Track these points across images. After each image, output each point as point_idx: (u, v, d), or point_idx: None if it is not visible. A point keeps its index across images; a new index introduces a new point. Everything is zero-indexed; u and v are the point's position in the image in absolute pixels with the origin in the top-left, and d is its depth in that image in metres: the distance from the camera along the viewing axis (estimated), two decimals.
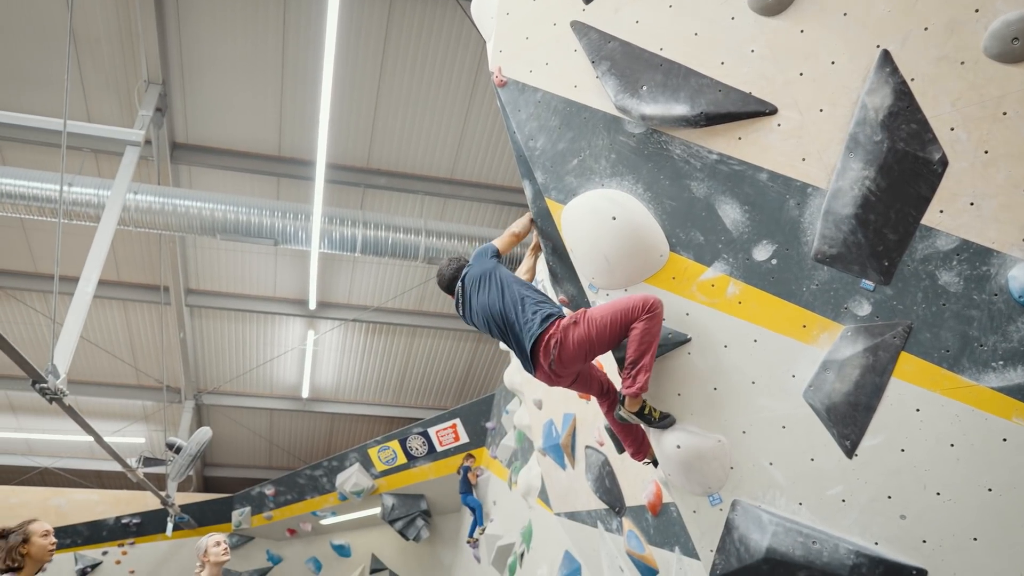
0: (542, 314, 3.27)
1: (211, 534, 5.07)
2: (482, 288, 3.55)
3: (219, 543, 4.97)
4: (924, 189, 2.57)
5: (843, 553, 2.63)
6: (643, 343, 2.99)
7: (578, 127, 3.36)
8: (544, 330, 3.22)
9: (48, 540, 3.90)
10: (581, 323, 3.15)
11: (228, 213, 8.97)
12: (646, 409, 3.10)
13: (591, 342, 3.13)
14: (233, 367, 14.78)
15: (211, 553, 4.91)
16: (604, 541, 7.22)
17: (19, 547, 3.80)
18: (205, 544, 4.95)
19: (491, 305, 3.46)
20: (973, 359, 2.48)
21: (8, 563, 3.77)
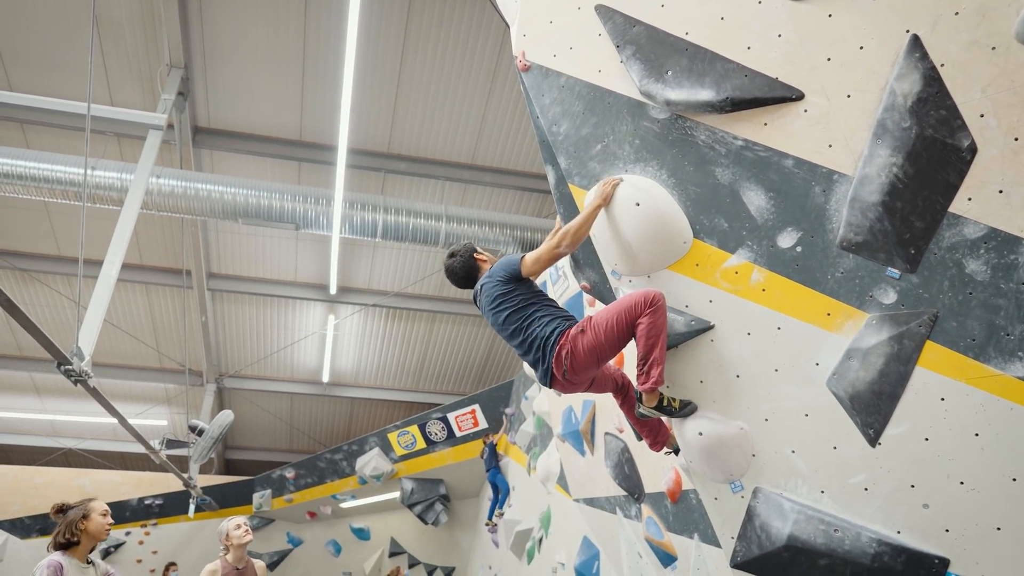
0: (553, 331, 3.25)
1: (231, 517, 5.15)
2: (496, 311, 3.44)
3: (240, 526, 5.04)
4: (952, 176, 2.54)
5: (865, 541, 2.63)
6: (650, 338, 3.01)
7: (602, 112, 3.35)
8: (555, 342, 3.23)
9: (106, 519, 4.05)
10: (588, 330, 3.17)
11: (250, 197, 9.02)
12: (664, 401, 3.11)
13: (600, 347, 3.15)
14: (254, 351, 14.93)
15: (233, 536, 4.99)
16: (622, 527, 7.24)
17: (78, 522, 3.95)
18: (226, 528, 5.02)
19: (504, 329, 3.43)
20: (999, 348, 2.46)
21: (67, 537, 3.90)
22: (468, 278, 3.72)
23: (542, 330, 3.27)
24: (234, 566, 4.99)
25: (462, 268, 3.71)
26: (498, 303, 3.42)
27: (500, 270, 3.47)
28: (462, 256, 3.72)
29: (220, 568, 4.95)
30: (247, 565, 5.07)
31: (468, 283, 3.73)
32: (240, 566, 5.01)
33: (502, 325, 3.42)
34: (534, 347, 3.29)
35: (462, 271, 3.71)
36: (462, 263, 3.70)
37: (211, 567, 4.94)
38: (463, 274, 3.71)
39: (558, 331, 3.24)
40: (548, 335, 3.25)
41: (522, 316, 3.35)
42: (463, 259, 3.71)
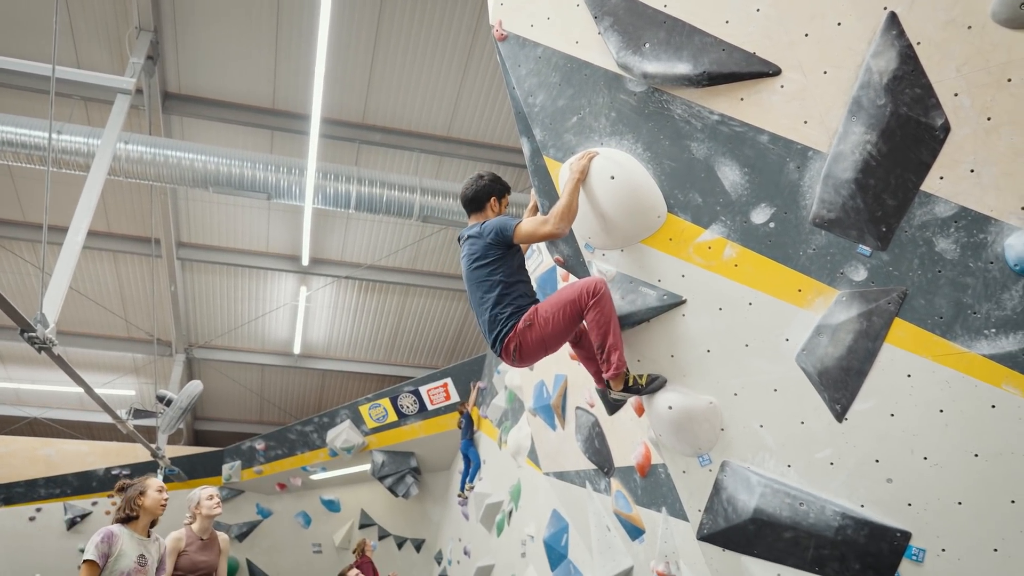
0: (509, 314, 3.32)
1: (203, 487, 5.10)
2: (474, 268, 3.46)
3: (212, 496, 5.01)
4: (925, 155, 2.55)
5: (829, 515, 2.67)
6: (600, 327, 3.10)
7: (578, 84, 3.31)
8: (508, 332, 3.31)
9: (162, 496, 4.44)
10: (535, 324, 3.24)
11: (221, 165, 8.88)
12: (631, 381, 3.15)
13: (546, 339, 3.25)
14: (224, 322, 14.79)
15: (204, 506, 4.95)
16: (592, 501, 7.31)
17: (136, 499, 4.35)
18: (198, 496, 4.98)
19: (473, 289, 3.48)
20: (966, 326, 2.49)
21: (126, 512, 4.32)
22: (472, 203, 3.72)
23: (501, 317, 3.33)
24: (198, 536, 4.96)
25: (478, 192, 3.71)
26: (478, 263, 3.44)
27: (492, 232, 3.43)
28: (489, 184, 3.73)
29: (184, 537, 4.91)
30: (211, 536, 5.04)
31: (468, 207, 3.73)
32: (204, 537, 4.98)
33: (473, 284, 3.47)
34: (489, 326, 3.38)
35: (475, 195, 3.72)
36: (484, 190, 3.71)
37: (175, 535, 4.90)
38: (472, 197, 3.72)
39: (510, 326, 3.29)
40: (502, 328, 3.32)
41: (493, 290, 3.37)
42: (488, 187, 3.72)
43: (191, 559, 4.79)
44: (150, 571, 4.34)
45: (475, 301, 3.48)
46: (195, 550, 4.84)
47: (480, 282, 3.42)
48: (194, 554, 4.82)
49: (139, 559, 4.25)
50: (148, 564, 4.32)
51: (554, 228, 3.19)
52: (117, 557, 4.14)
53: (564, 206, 3.16)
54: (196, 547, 4.86)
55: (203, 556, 4.85)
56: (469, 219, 3.75)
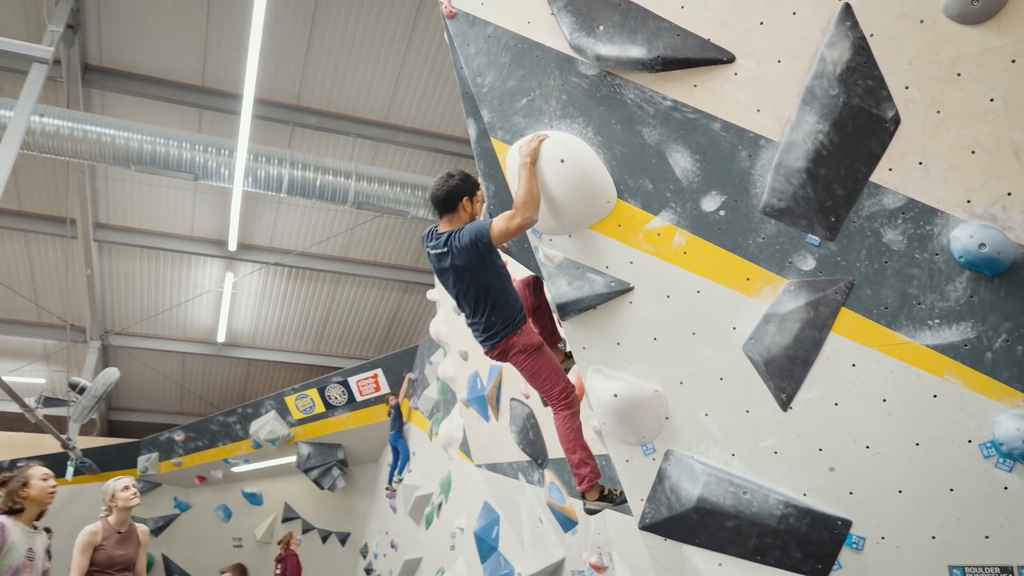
0: (503, 321, 3.49)
1: (119, 478, 4.85)
2: (458, 278, 3.45)
3: (128, 487, 4.76)
4: (875, 146, 2.57)
5: (772, 503, 2.67)
6: (568, 442, 3.53)
7: (529, 65, 3.24)
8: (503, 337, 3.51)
9: (48, 484, 4.30)
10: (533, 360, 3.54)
11: (144, 143, 8.46)
12: (606, 491, 3.55)
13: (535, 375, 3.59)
14: (144, 308, 14.18)
15: (120, 498, 4.70)
16: (525, 492, 7.28)
17: (19, 490, 4.18)
18: (112, 488, 4.72)
19: (461, 296, 3.52)
20: (911, 317, 2.52)
21: (9, 505, 4.15)
22: (443, 205, 3.49)
23: (496, 323, 3.48)
24: (116, 529, 4.71)
25: (451, 193, 3.46)
26: (466, 273, 3.39)
27: (470, 241, 3.30)
28: (460, 183, 3.48)
29: (101, 530, 4.66)
30: (130, 529, 4.79)
31: (438, 208, 3.52)
32: (122, 530, 4.73)
33: (463, 291, 3.49)
34: (484, 328, 3.50)
35: (446, 196, 3.47)
36: (456, 190, 3.46)
37: (91, 528, 4.64)
38: (444, 199, 3.48)
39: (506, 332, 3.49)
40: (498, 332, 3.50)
41: (487, 297, 3.45)
42: (459, 186, 3.47)
43: (108, 553, 4.55)
44: (37, 566, 4.16)
45: (467, 306, 3.52)
46: (112, 544, 4.59)
47: (470, 288, 3.44)
48: (111, 548, 4.57)
49: (28, 552, 4.08)
50: (36, 558, 4.13)
51: (523, 219, 3.09)
52: (7, 551, 3.96)
53: (525, 193, 3.07)
54: (113, 541, 4.61)
55: (121, 550, 4.61)
56: (440, 220, 3.54)
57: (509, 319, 3.50)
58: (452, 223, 3.47)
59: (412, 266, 14.15)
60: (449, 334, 8.99)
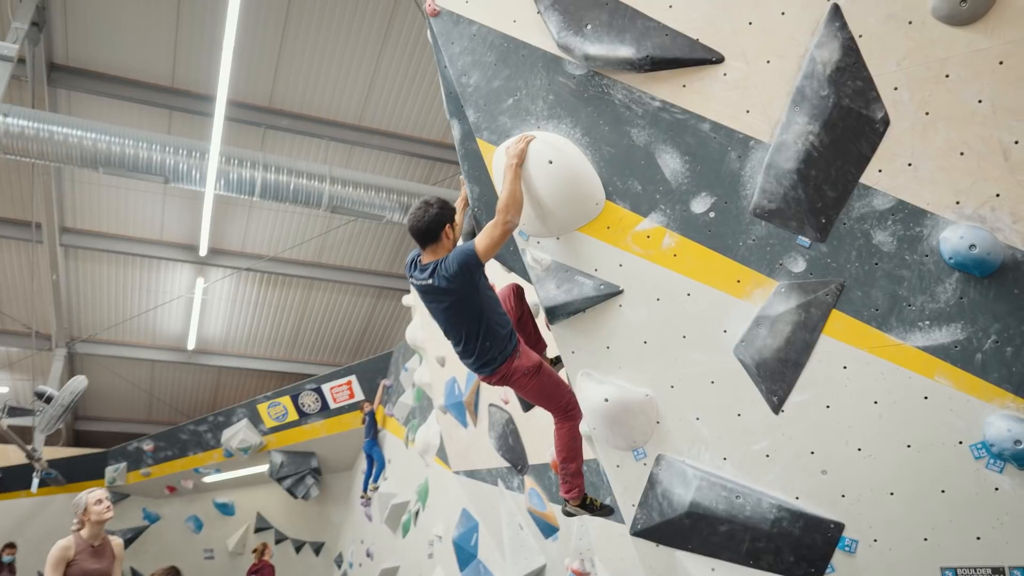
0: (496, 345, 3.39)
1: (91, 490, 4.71)
2: (448, 308, 3.34)
3: (100, 500, 4.62)
4: (865, 147, 2.56)
5: (765, 507, 2.65)
6: (568, 452, 3.60)
7: (515, 65, 3.20)
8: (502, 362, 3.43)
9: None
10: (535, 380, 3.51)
11: (113, 145, 8.26)
12: (587, 499, 3.63)
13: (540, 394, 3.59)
14: (112, 314, 13.88)
15: (92, 511, 4.56)
16: (504, 499, 7.22)
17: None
18: (85, 501, 4.58)
19: (465, 326, 3.37)
20: (901, 318, 2.52)
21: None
22: (426, 237, 3.33)
23: (489, 347, 3.37)
24: (89, 543, 4.57)
25: (430, 224, 3.29)
26: (457, 302, 3.28)
27: (459, 269, 3.16)
28: (439, 213, 3.31)
29: (73, 545, 4.52)
30: (103, 542, 4.65)
31: (421, 240, 3.36)
32: (96, 543, 4.60)
33: (454, 320, 3.37)
34: (478, 355, 3.40)
35: (427, 227, 3.29)
36: (436, 221, 3.30)
37: (63, 543, 4.50)
38: (426, 231, 3.31)
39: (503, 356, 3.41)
40: (494, 357, 3.40)
41: (479, 322, 3.31)
42: (439, 216, 3.30)
43: (81, 568, 4.41)
44: None
45: (458, 335, 3.40)
46: (86, 558, 4.46)
47: (462, 317, 3.32)
48: (84, 562, 4.44)
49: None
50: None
51: (506, 225, 3.02)
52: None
53: (507, 196, 3.00)
54: (87, 555, 4.47)
55: (95, 564, 4.47)
56: (423, 251, 3.40)
57: (504, 342, 3.39)
58: (436, 253, 3.33)
59: (386, 271, 14.03)
60: (426, 340, 8.91)
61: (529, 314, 3.92)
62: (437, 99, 10.14)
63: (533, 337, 3.93)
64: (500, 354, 3.38)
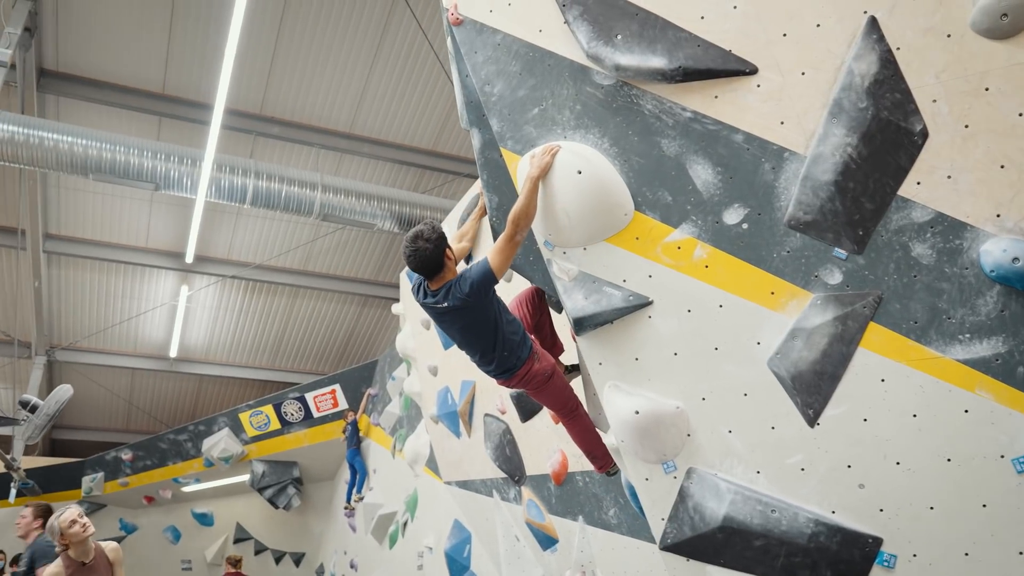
0: (523, 358, 3.48)
1: (59, 512, 4.47)
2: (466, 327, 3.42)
3: (74, 522, 4.39)
4: (903, 160, 2.56)
5: (802, 522, 2.62)
6: (586, 440, 3.74)
7: (541, 74, 3.16)
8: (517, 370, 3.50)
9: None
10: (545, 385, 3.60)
11: (104, 151, 8.11)
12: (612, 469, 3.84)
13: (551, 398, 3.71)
14: (94, 322, 13.63)
15: (69, 535, 4.37)
16: (500, 510, 7.15)
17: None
18: (58, 528, 4.37)
19: (482, 340, 3.43)
20: (941, 331, 2.51)
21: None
22: (431, 269, 3.32)
23: (507, 355, 3.45)
24: (79, 561, 4.42)
25: (432, 259, 3.27)
26: (475, 321, 3.35)
27: (478, 288, 3.23)
28: (436, 245, 3.26)
29: (62, 568, 4.36)
30: (96, 556, 4.50)
31: (427, 272, 3.34)
32: (86, 560, 4.45)
33: (471, 338, 3.43)
34: (498, 364, 3.46)
35: (431, 261, 3.28)
36: (434, 253, 3.26)
37: (51, 570, 4.35)
38: (430, 264, 3.29)
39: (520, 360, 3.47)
40: (513, 364, 3.47)
41: (494, 334, 3.38)
42: (436, 249, 3.26)
43: None
44: None
45: (476, 349, 3.47)
46: None
47: (478, 333, 3.39)
48: None
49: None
50: None
51: (515, 237, 3.11)
52: None
53: (521, 208, 3.04)
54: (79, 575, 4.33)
55: None
56: (430, 280, 3.39)
57: (519, 347, 3.46)
58: (444, 277, 3.34)
59: (372, 279, 13.92)
60: (416, 349, 8.83)
61: (548, 317, 3.93)
62: (428, 107, 10.10)
63: (549, 340, 3.97)
64: (518, 360, 3.46)
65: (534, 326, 3.80)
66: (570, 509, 5.92)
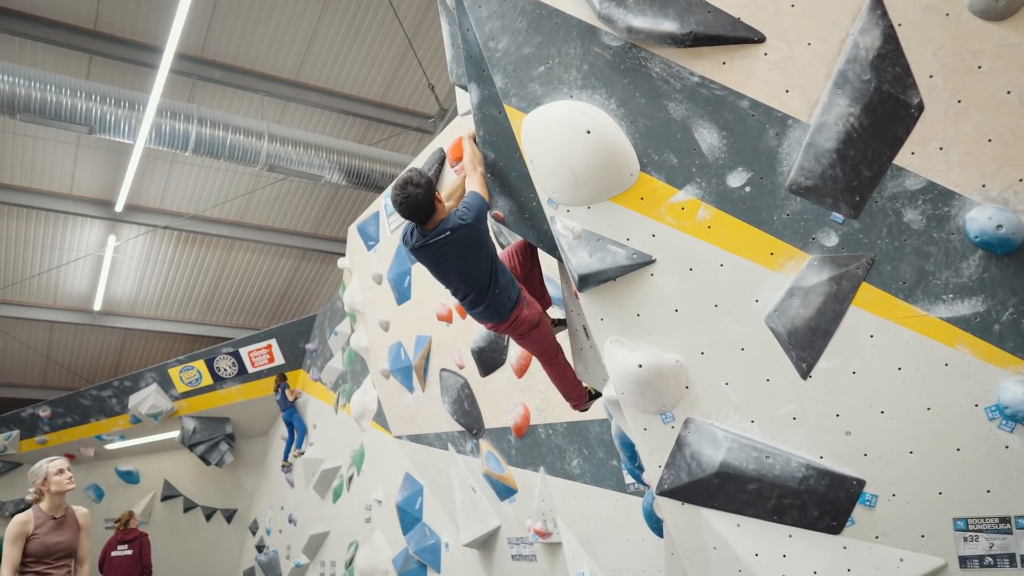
0: (512, 299, 3.64)
1: (52, 459, 4.45)
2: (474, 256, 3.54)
3: (62, 470, 4.36)
4: (900, 131, 2.72)
5: (794, 466, 2.82)
6: (565, 381, 3.95)
7: (548, 32, 3.19)
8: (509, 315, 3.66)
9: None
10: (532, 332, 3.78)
11: (34, 90, 7.64)
12: (591, 391, 4.01)
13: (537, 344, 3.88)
14: (10, 273, 12.89)
15: (53, 482, 4.31)
16: (455, 463, 7.28)
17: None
18: (45, 470, 4.31)
19: (477, 276, 3.56)
20: (927, 291, 2.71)
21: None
22: (423, 214, 3.51)
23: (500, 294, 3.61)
24: (49, 515, 4.33)
25: (423, 202, 3.46)
26: (473, 253, 3.51)
27: (474, 208, 3.49)
28: (425, 189, 3.45)
29: (32, 519, 4.27)
30: (66, 514, 4.42)
31: (419, 218, 3.52)
32: (57, 515, 4.37)
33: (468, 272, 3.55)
34: (496, 304, 3.61)
35: (422, 205, 3.47)
36: (425, 197, 3.45)
37: (20, 518, 4.26)
38: (421, 209, 3.48)
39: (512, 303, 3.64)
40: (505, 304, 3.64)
41: (489, 269, 3.55)
42: (427, 193, 3.46)
43: (42, 542, 4.18)
44: None
45: (469, 284, 3.59)
46: (46, 531, 4.23)
47: (475, 265, 3.53)
48: (45, 536, 4.21)
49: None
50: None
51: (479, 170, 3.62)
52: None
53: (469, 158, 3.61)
54: (47, 528, 4.24)
55: (57, 537, 4.25)
56: (423, 227, 3.57)
57: (508, 289, 3.63)
58: (437, 218, 3.53)
59: (312, 232, 13.63)
60: (366, 304, 8.79)
61: (538, 269, 4.08)
62: (379, 57, 9.86)
63: (539, 291, 4.10)
64: (508, 300, 3.61)
65: (523, 277, 3.91)
66: (531, 460, 6.09)
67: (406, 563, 7.83)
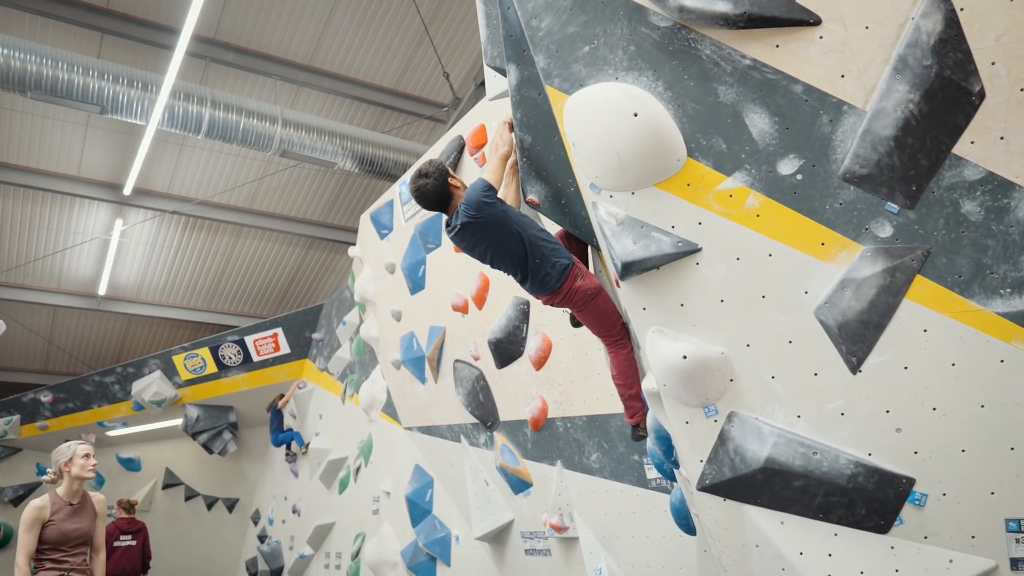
0: (559, 267, 3.59)
1: (78, 442, 4.38)
2: (499, 236, 3.56)
3: (88, 455, 4.31)
4: (960, 119, 2.64)
5: (843, 463, 2.74)
6: (627, 377, 3.72)
7: (593, 11, 3.10)
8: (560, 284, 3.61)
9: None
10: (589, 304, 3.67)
11: (45, 67, 7.52)
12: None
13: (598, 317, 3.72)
14: (15, 255, 12.78)
15: (76, 464, 4.24)
16: (468, 455, 7.20)
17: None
18: (73, 451, 4.25)
19: (511, 252, 3.58)
20: (983, 285, 2.63)
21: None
22: (439, 202, 3.64)
23: (546, 264, 3.58)
24: (67, 501, 4.26)
25: (435, 192, 3.62)
26: (490, 234, 3.55)
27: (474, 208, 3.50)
28: (435, 179, 3.60)
29: (49, 504, 4.19)
30: (83, 500, 4.34)
31: (439, 206, 3.66)
32: (74, 501, 4.29)
33: (495, 254, 3.60)
34: (537, 276, 3.59)
35: (434, 195, 3.62)
36: (435, 186, 3.61)
37: (37, 503, 4.19)
38: (434, 198, 3.62)
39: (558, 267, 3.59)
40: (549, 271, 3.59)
41: (521, 245, 3.55)
42: (436, 182, 3.60)
43: (59, 529, 4.10)
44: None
45: (508, 261, 3.63)
46: (63, 518, 4.15)
47: (505, 244, 3.56)
48: (62, 522, 4.13)
49: None
50: None
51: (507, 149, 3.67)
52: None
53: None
54: (64, 514, 4.17)
55: (74, 524, 4.17)
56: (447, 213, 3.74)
57: (553, 255, 3.60)
58: (455, 204, 3.65)
59: (321, 221, 13.51)
60: (377, 293, 8.71)
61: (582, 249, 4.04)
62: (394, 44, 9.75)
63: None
64: (552, 268, 3.57)
65: (578, 252, 3.88)
66: (547, 454, 6.01)
67: (415, 556, 7.76)
